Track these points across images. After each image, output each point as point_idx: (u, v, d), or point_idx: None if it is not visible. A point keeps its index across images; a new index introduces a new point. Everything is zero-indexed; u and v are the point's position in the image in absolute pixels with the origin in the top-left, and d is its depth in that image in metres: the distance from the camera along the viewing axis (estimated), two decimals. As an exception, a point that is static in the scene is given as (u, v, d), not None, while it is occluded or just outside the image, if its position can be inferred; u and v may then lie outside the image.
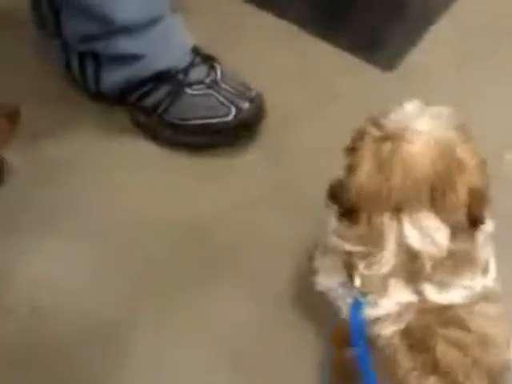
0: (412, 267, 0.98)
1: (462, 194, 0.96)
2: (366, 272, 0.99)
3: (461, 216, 0.97)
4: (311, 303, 1.24)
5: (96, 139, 1.47)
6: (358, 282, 1.00)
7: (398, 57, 1.57)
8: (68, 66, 1.48)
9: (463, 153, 0.97)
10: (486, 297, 1.01)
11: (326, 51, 1.58)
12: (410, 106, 1.00)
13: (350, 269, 1.01)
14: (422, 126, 0.97)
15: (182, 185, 1.42)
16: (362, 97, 1.51)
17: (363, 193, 0.97)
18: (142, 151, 1.46)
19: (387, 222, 0.97)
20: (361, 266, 0.99)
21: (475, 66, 1.55)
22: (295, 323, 1.26)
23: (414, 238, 0.96)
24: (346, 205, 0.99)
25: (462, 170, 0.97)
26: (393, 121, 0.98)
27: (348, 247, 1.00)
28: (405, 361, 0.99)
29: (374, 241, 0.98)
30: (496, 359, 1.01)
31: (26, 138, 1.41)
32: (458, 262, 0.99)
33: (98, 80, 1.45)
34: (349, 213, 0.99)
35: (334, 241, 1.03)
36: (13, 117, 1.25)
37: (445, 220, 0.96)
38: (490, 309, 1.02)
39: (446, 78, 1.53)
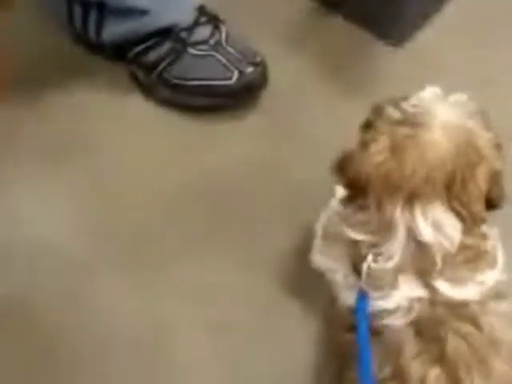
0: (422, 262, 0.94)
1: (482, 184, 0.93)
2: (374, 265, 0.95)
3: (478, 208, 0.94)
4: (305, 276, 1.21)
5: (92, 94, 1.43)
6: (365, 275, 0.96)
7: (408, 34, 1.52)
8: (70, 16, 1.44)
9: (483, 142, 0.94)
10: (499, 293, 0.97)
11: (335, 23, 1.54)
12: (430, 92, 0.97)
13: (356, 260, 0.98)
14: (442, 114, 0.94)
15: (178, 147, 1.39)
16: (369, 73, 1.48)
17: (374, 175, 0.93)
18: (140, 110, 1.42)
19: (399, 212, 0.93)
20: (369, 258, 0.95)
21: (487, 50, 1.51)
22: (287, 296, 1.23)
23: (426, 232, 0.93)
24: (353, 180, 0.96)
25: (482, 159, 0.93)
26: (413, 105, 0.95)
27: (353, 235, 0.97)
28: (410, 347, 0.95)
29: (383, 230, 0.94)
30: (506, 367, 0.96)
31: (24, 87, 1.39)
32: (470, 256, 0.95)
33: (99, 31, 1.41)
34: (356, 192, 0.96)
35: (339, 226, 0.99)
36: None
37: (460, 212, 0.93)
38: (504, 308, 0.98)
39: (455, 59, 1.49)
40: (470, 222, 0.94)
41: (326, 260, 1.05)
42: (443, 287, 0.95)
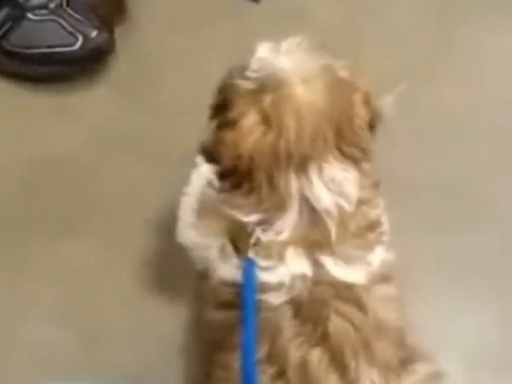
0: (315, 234, 0.89)
1: (363, 113, 0.90)
2: (263, 237, 0.89)
3: (366, 139, 0.90)
4: (174, 257, 1.15)
5: None
6: (251, 246, 0.89)
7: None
8: None
9: (342, 70, 0.91)
10: (384, 277, 0.93)
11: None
12: (264, 50, 0.91)
13: (237, 235, 0.91)
14: (291, 64, 0.88)
15: (24, 122, 1.31)
16: (229, 28, 1.41)
17: (257, 152, 0.87)
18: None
19: (294, 181, 0.88)
20: (257, 231, 0.89)
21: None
22: (154, 283, 1.18)
23: (323, 195, 0.88)
24: (233, 165, 0.89)
25: (352, 87, 0.90)
26: (258, 70, 0.89)
27: (241, 217, 0.90)
28: (289, 328, 0.89)
29: (276, 206, 0.88)
30: (393, 352, 0.92)
31: None
32: (362, 226, 0.91)
33: None
34: (238, 177, 0.89)
35: (215, 204, 0.93)
36: None
37: (352, 154, 0.89)
38: (388, 291, 0.94)
39: (328, 15, 1.44)
40: (364, 161, 0.90)
41: (198, 235, 0.98)
42: (331, 265, 0.89)
